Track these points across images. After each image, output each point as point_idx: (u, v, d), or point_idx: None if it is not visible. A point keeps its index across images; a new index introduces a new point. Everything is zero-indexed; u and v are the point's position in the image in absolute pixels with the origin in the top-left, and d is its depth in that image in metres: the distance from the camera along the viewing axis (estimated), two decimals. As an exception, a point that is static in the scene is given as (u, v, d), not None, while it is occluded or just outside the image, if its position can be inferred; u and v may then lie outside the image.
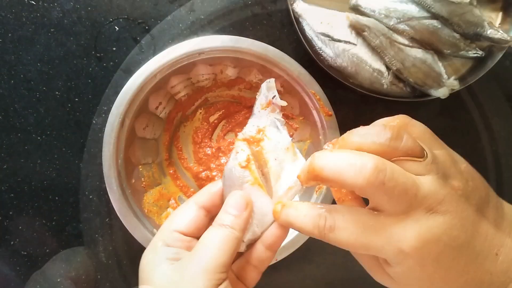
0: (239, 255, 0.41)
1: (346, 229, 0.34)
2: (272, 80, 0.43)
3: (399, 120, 0.37)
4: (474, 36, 0.60)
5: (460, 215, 0.33)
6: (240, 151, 0.40)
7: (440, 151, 0.36)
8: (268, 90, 0.42)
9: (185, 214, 0.40)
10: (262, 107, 0.42)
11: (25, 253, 0.63)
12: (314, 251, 0.65)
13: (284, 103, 0.42)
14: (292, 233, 0.56)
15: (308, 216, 0.36)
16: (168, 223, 0.40)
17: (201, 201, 0.41)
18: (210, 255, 0.35)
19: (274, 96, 0.42)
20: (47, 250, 0.63)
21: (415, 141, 0.34)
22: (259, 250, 0.40)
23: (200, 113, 0.63)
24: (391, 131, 0.33)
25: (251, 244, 0.41)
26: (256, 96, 0.43)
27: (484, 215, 0.35)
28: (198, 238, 0.38)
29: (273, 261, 0.56)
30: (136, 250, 0.39)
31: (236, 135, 0.62)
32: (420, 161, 0.33)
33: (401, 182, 0.31)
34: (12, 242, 0.62)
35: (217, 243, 0.36)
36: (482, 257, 0.34)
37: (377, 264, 0.37)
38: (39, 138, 0.61)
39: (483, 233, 0.34)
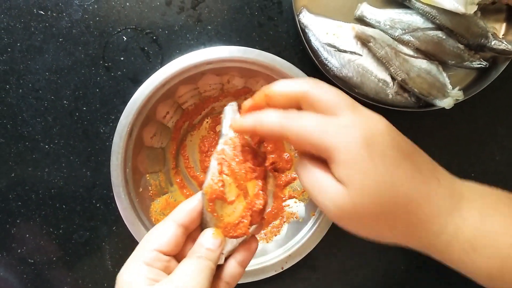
0: None
1: (310, 117, 0.35)
2: (235, 103, 0.45)
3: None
4: (478, 47, 0.60)
5: (397, 132, 0.37)
6: (215, 171, 0.41)
7: None
8: (233, 113, 0.43)
9: (164, 232, 0.40)
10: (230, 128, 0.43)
11: (32, 261, 0.63)
12: (319, 259, 0.65)
13: None
14: (297, 243, 0.57)
15: (278, 112, 0.37)
16: (147, 242, 0.40)
17: (179, 218, 0.41)
18: (187, 285, 0.37)
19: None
20: (54, 258, 0.63)
21: None
22: (232, 266, 0.42)
23: (207, 122, 0.64)
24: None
25: (229, 256, 0.42)
26: (222, 119, 0.44)
27: (421, 152, 0.39)
28: (177, 256, 0.40)
29: (279, 270, 0.57)
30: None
31: None
32: None
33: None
34: (19, 250, 0.63)
35: (193, 273, 0.37)
36: (425, 174, 0.36)
37: (323, 172, 0.37)
38: (47, 146, 0.62)
39: (424, 158, 0.38)
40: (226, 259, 0.42)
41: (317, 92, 0.36)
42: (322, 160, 0.36)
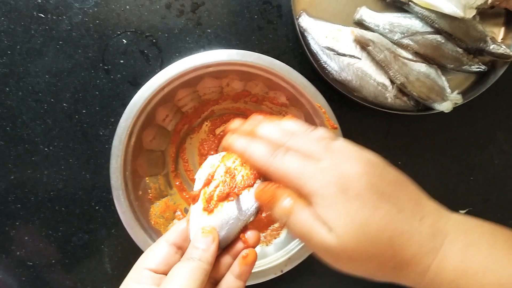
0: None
1: (294, 159, 0.37)
2: (219, 156, 0.45)
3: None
4: (477, 51, 0.61)
5: (380, 170, 0.37)
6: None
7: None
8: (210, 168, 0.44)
9: (156, 252, 0.41)
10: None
11: (31, 263, 0.63)
12: (318, 263, 0.65)
13: None
14: (296, 246, 0.57)
15: (265, 147, 0.40)
16: (139, 262, 0.41)
17: (171, 238, 0.42)
18: (179, 285, 0.37)
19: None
20: (53, 261, 0.63)
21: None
22: (229, 280, 0.41)
23: (206, 125, 0.64)
24: None
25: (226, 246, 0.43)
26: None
27: (405, 187, 0.38)
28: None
29: (278, 274, 0.57)
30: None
31: None
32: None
33: (307, 144, 0.39)
34: (18, 253, 0.63)
35: (185, 274, 0.37)
36: (406, 214, 0.36)
37: (309, 216, 0.37)
38: (46, 149, 0.62)
39: (406, 195, 0.37)
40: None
41: (295, 142, 0.39)
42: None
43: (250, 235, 0.43)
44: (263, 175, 0.41)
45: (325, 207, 0.35)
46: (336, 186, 0.35)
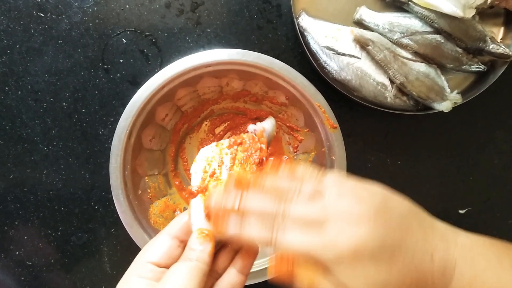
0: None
1: (295, 239, 0.36)
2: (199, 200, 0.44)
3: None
4: (476, 51, 0.61)
5: (383, 223, 0.36)
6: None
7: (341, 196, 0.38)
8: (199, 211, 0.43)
9: (158, 245, 0.41)
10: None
11: (30, 263, 0.63)
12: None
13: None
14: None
15: (261, 231, 0.37)
16: (141, 255, 0.41)
17: (172, 231, 0.41)
18: (177, 285, 0.37)
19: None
20: (52, 261, 0.63)
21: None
22: (231, 274, 0.41)
23: (206, 124, 0.64)
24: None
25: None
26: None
27: (410, 224, 0.37)
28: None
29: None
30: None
31: None
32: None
33: (303, 213, 0.37)
34: (17, 252, 0.63)
35: (182, 275, 0.37)
36: (418, 257, 0.36)
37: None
38: (45, 148, 0.62)
39: (413, 238, 0.37)
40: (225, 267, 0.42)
41: (294, 212, 0.37)
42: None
43: None
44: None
45: (343, 275, 0.35)
46: (348, 256, 0.35)
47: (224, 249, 0.42)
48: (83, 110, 0.62)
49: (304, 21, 0.61)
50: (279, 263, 0.38)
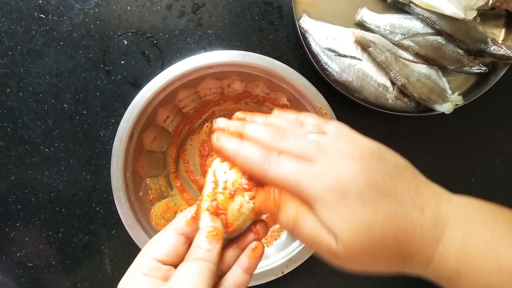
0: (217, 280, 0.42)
1: (288, 164, 0.37)
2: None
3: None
4: (477, 52, 0.61)
5: (376, 165, 0.36)
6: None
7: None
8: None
9: (163, 241, 0.39)
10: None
11: (31, 264, 0.63)
12: (319, 264, 0.65)
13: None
14: (297, 247, 0.57)
15: (258, 150, 0.38)
16: (145, 251, 0.39)
17: (179, 227, 0.40)
18: (186, 286, 0.36)
19: None
20: (53, 262, 0.63)
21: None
22: (236, 273, 0.40)
23: (207, 126, 0.64)
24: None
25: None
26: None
27: (402, 175, 0.38)
28: (176, 266, 0.39)
29: (279, 275, 0.56)
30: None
31: None
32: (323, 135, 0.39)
33: (299, 144, 0.38)
34: (18, 254, 0.62)
35: (191, 275, 0.36)
36: (407, 205, 0.36)
37: (312, 221, 0.37)
38: (47, 150, 0.62)
39: (404, 186, 0.37)
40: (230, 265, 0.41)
41: (285, 144, 0.38)
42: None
43: (260, 226, 0.42)
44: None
45: (327, 213, 0.35)
46: (335, 191, 0.35)
47: (229, 247, 0.41)
48: (84, 112, 0.62)
49: (305, 23, 0.61)
50: (267, 193, 0.38)
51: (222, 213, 0.40)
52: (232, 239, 0.41)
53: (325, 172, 0.36)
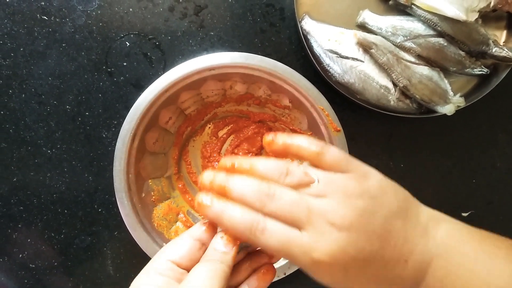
0: None
1: (275, 234, 0.36)
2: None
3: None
4: (479, 54, 0.61)
5: (365, 229, 0.36)
6: None
7: (345, 174, 0.39)
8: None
9: (179, 245, 0.40)
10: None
11: (33, 266, 0.63)
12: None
13: None
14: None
15: (243, 217, 0.37)
16: (161, 252, 0.40)
17: (196, 233, 0.40)
18: (199, 285, 0.36)
19: None
20: (55, 263, 0.63)
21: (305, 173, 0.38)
22: None
23: (209, 127, 0.64)
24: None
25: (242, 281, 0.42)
26: None
27: (393, 227, 0.38)
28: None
29: (281, 276, 0.57)
30: (145, 264, 0.39)
31: (244, 150, 0.63)
32: (311, 185, 0.38)
33: (287, 208, 0.37)
34: (20, 255, 0.63)
35: (205, 275, 0.36)
36: (391, 264, 0.37)
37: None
38: (49, 151, 0.62)
39: (392, 243, 0.37)
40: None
41: (275, 204, 0.37)
42: None
43: None
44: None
45: (312, 273, 0.38)
46: (324, 264, 0.36)
47: (243, 263, 0.42)
48: (87, 113, 0.62)
49: (307, 24, 0.61)
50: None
51: None
52: (247, 255, 0.42)
53: (312, 244, 0.36)
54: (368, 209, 0.37)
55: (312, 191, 0.37)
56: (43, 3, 0.61)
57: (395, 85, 0.61)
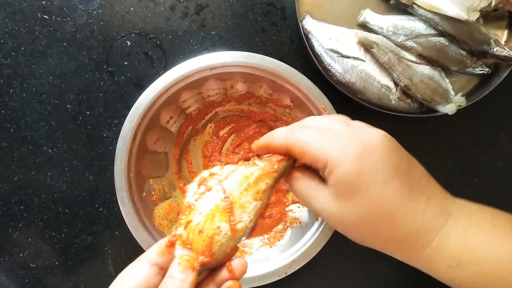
0: None
1: (311, 131, 0.40)
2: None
3: None
4: (480, 54, 0.61)
5: (396, 150, 0.39)
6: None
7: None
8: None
9: (136, 272, 0.38)
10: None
11: (34, 265, 0.63)
12: (322, 266, 0.65)
13: None
14: (301, 248, 0.57)
15: (284, 127, 0.42)
16: (118, 282, 0.39)
17: (152, 257, 0.39)
18: None
19: None
20: (56, 263, 0.63)
21: None
22: None
23: (210, 127, 0.64)
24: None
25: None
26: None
27: (417, 168, 0.40)
28: None
29: (283, 275, 0.56)
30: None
31: (245, 150, 0.63)
32: None
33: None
34: (20, 254, 0.62)
35: None
36: (415, 193, 0.38)
37: (317, 182, 0.41)
38: (50, 150, 0.62)
39: (417, 176, 0.39)
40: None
41: (317, 120, 0.42)
42: (315, 174, 0.41)
43: (237, 264, 0.39)
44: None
45: (336, 174, 0.37)
46: (354, 156, 0.36)
47: (206, 282, 0.40)
48: (88, 113, 0.62)
49: (309, 24, 0.61)
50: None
51: (197, 241, 0.38)
52: (210, 273, 0.40)
53: (348, 139, 0.38)
54: (397, 145, 0.40)
55: None
56: (44, 2, 0.61)
57: (396, 84, 0.61)
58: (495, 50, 0.60)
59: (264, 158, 0.44)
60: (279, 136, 0.41)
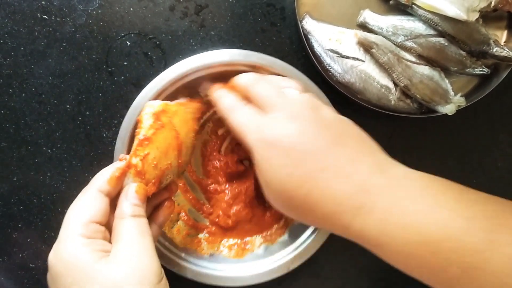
0: None
1: (244, 113, 0.43)
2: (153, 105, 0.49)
3: None
4: (480, 54, 0.61)
5: (317, 132, 0.39)
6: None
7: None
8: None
9: (96, 203, 0.40)
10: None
11: (33, 266, 0.63)
12: (321, 265, 0.65)
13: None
14: (302, 243, 0.57)
15: (232, 97, 0.46)
16: (77, 215, 0.40)
17: (104, 188, 0.42)
18: (139, 248, 0.38)
19: None
20: (55, 263, 0.63)
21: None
22: (154, 229, 0.47)
23: (209, 126, 0.64)
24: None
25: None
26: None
27: (346, 144, 0.40)
28: (105, 226, 0.40)
29: (285, 271, 0.57)
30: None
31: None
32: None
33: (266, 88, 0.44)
34: (20, 255, 0.62)
35: (136, 233, 0.39)
36: (328, 173, 0.38)
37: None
38: (49, 151, 0.62)
39: (338, 154, 0.39)
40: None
41: (255, 89, 0.44)
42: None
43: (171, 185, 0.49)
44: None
45: (255, 159, 0.40)
46: (266, 143, 0.39)
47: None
48: (87, 113, 0.62)
49: (308, 24, 0.61)
50: None
51: (150, 173, 0.44)
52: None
53: (267, 126, 0.40)
54: (331, 120, 0.42)
55: (294, 92, 0.45)
56: (43, 3, 0.61)
57: (396, 85, 0.61)
58: (494, 50, 0.60)
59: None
60: (223, 106, 0.46)
